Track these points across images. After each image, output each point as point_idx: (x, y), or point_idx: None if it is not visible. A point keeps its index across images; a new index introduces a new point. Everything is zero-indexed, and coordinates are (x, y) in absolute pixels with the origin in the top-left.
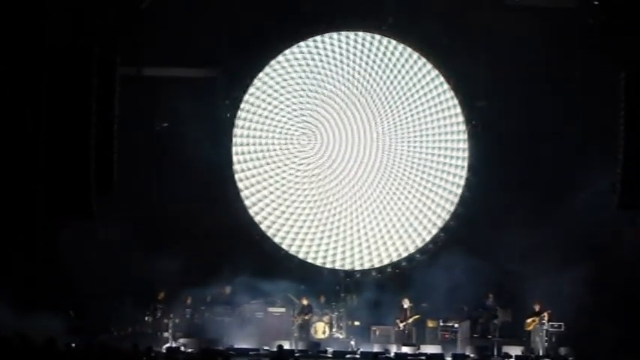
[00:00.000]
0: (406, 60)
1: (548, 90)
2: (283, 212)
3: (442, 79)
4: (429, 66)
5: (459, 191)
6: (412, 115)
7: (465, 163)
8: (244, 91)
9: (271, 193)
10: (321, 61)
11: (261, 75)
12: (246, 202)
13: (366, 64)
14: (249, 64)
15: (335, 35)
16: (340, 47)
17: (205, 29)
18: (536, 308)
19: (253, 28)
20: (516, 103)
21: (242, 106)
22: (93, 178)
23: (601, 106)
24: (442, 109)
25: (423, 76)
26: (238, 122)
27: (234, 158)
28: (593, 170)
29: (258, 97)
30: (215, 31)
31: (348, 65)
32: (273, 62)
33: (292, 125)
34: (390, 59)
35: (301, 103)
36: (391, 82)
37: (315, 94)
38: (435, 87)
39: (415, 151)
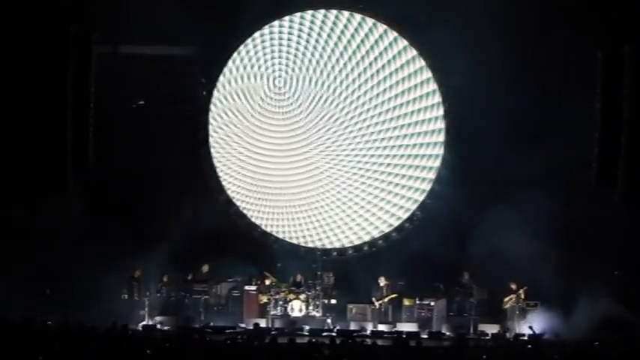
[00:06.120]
0: (381, 37)
1: (524, 68)
2: (260, 190)
3: (417, 56)
4: (405, 42)
5: (435, 170)
6: (388, 93)
7: (442, 140)
8: (221, 69)
9: (248, 171)
10: (297, 38)
11: (239, 52)
12: (223, 181)
13: (341, 41)
14: (225, 42)
15: (311, 13)
16: (316, 25)
17: (181, 7)
18: (513, 287)
19: (228, 5)
20: (492, 81)
21: (218, 83)
22: (70, 155)
23: (577, 85)
24: (417, 87)
25: (398, 53)
26: (215, 100)
27: (211, 136)
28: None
29: (234, 75)
30: (191, 8)
31: (323, 43)
32: (249, 40)
33: (268, 103)
34: (366, 37)
35: (277, 80)
36: (366, 60)
37: (291, 72)
38: (410, 63)
39: (391, 129)
